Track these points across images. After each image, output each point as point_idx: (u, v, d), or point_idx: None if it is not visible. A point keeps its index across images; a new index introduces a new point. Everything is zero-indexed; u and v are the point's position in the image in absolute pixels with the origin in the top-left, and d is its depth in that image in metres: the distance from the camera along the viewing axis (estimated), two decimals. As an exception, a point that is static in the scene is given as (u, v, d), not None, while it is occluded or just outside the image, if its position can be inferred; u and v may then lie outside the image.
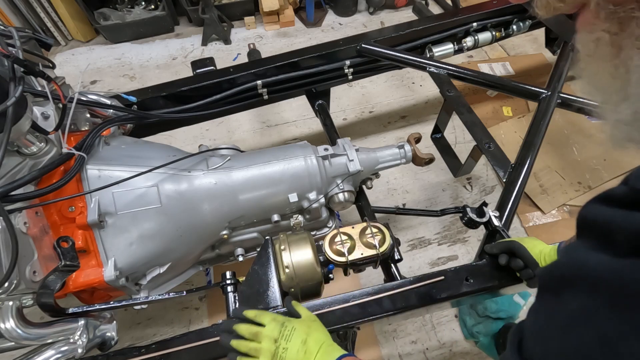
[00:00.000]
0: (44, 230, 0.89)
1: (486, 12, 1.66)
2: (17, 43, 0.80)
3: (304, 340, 0.67)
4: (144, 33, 2.71)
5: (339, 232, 0.97)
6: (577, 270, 0.35)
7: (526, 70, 2.34)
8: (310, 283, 0.90)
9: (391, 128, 2.14)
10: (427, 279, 0.90)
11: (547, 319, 0.38)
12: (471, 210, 1.06)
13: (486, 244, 0.97)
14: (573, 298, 0.34)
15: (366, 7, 2.88)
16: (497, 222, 1.05)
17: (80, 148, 0.93)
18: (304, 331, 0.68)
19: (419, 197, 1.85)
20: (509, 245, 0.89)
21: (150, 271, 1.03)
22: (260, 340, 0.69)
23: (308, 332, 0.68)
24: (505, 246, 0.90)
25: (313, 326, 0.70)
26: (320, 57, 1.51)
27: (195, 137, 2.10)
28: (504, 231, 1.03)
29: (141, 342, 1.45)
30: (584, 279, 0.34)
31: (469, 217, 1.05)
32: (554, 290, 0.37)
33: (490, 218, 1.05)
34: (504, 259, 0.89)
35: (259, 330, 0.70)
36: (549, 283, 0.38)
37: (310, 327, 0.70)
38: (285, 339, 0.68)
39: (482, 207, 1.07)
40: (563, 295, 0.36)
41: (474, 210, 1.06)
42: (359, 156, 1.17)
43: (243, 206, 1.08)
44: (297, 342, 0.67)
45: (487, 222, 1.06)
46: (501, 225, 1.05)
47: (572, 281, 0.35)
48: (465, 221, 1.07)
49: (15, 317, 0.78)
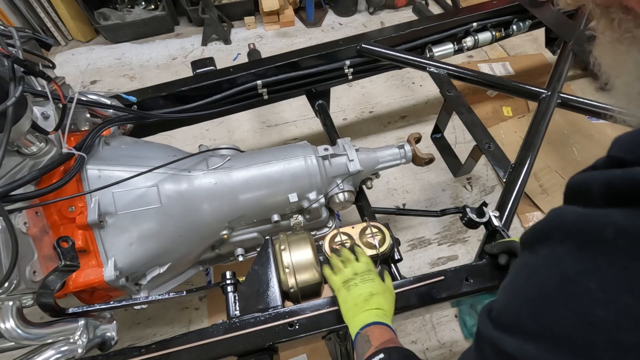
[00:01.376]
0: (44, 230, 0.89)
1: (486, 12, 1.66)
2: (17, 43, 0.80)
3: (372, 292, 0.77)
4: (144, 33, 2.71)
5: (339, 232, 0.97)
6: (553, 223, 0.36)
7: (526, 70, 2.34)
8: (310, 283, 0.90)
9: (391, 128, 2.14)
10: (427, 279, 0.90)
11: (517, 271, 0.39)
12: (471, 211, 1.06)
13: (486, 243, 0.97)
14: (545, 248, 0.36)
15: (366, 7, 2.88)
16: (497, 222, 1.05)
17: (80, 148, 0.93)
18: (377, 289, 0.78)
19: (419, 197, 1.85)
20: (508, 245, 0.89)
21: (150, 271, 1.03)
22: (346, 266, 0.84)
23: (379, 292, 0.77)
24: (505, 246, 0.90)
25: (386, 293, 0.79)
26: (320, 57, 1.51)
27: (195, 137, 2.10)
28: (504, 231, 1.03)
29: (141, 342, 1.45)
30: (557, 230, 0.35)
31: (468, 218, 1.05)
32: (530, 245, 0.38)
33: (490, 218, 1.05)
34: (503, 259, 0.90)
35: (352, 260, 0.85)
36: (527, 240, 0.39)
37: (384, 292, 0.79)
38: (361, 279, 0.79)
39: (482, 207, 1.07)
40: (536, 247, 0.37)
41: (473, 211, 1.06)
42: (359, 156, 1.17)
43: (243, 206, 1.08)
44: (367, 289, 0.77)
45: (487, 222, 1.06)
46: (501, 225, 1.05)
47: (547, 233, 0.36)
48: (465, 221, 1.07)
49: (15, 317, 0.78)
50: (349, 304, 0.77)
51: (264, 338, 0.82)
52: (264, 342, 0.82)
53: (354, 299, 0.77)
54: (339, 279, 0.82)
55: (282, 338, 0.82)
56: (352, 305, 0.76)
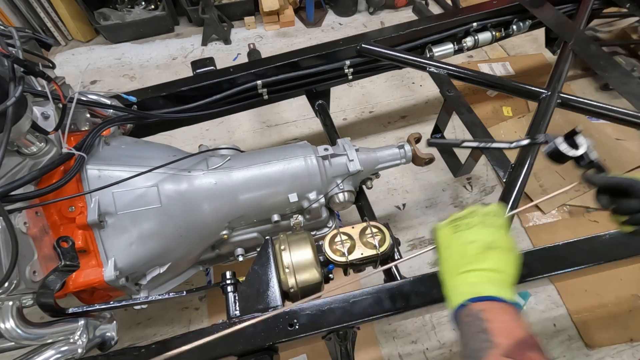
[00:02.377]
0: (44, 230, 0.89)
1: (486, 12, 1.66)
2: (17, 43, 0.80)
3: (491, 243, 0.52)
4: (144, 33, 2.71)
5: (339, 232, 0.96)
6: None
7: (526, 70, 2.34)
8: (310, 283, 0.90)
9: (391, 128, 2.14)
10: (427, 279, 0.90)
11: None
12: (561, 140, 0.73)
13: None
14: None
15: (366, 7, 2.88)
16: (595, 155, 0.71)
17: (80, 148, 0.93)
18: (501, 241, 0.53)
19: (419, 197, 1.85)
20: (621, 183, 0.62)
21: (150, 271, 1.03)
22: (477, 214, 0.58)
23: (503, 247, 0.52)
24: (617, 182, 0.63)
25: (512, 253, 0.54)
26: (320, 57, 1.51)
27: (195, 137, 2.10)
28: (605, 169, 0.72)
29: (141, 342, 1.45)
30: None
31: (554, 149, 0.73)
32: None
33: (588, 150, 0.71)
34: (605, 200, 0.65)
35: (480, 210, 0.60)
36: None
37: (510, 250, 0.53)
38: (481, 220, 0.55)
39: (574, 133, 0.73)
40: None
41: (563, 140, 0.73)
42: (359, 156, 1.17)
43: (243, 206, 1.08)
44: (485, 236, 0.53)
45: (581, 156, 0.71)
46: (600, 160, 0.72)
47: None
48: (550, 152, 0.76)
49: (15, 317, 0.78)
50: (454, 256, 0.52)
51: (264, 338, 0.82)
52: (264, 342, 0.82)
53: (462, 247, 0.52)
54: (446, 222, 0.57)
55: (282, 338, 0.82)
56: (459, 258, 0.52)
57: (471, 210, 0.60)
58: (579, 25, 1.58)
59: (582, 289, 1.53)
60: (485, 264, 0.50)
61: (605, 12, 1.98)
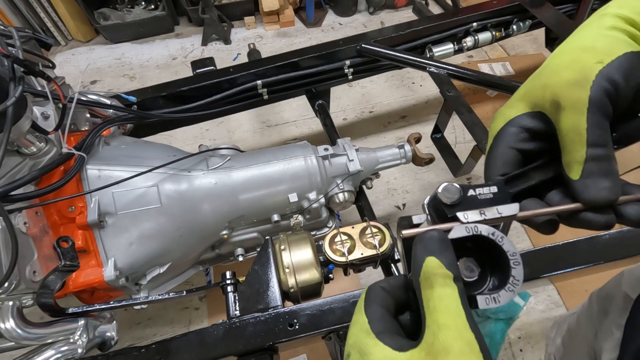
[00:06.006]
0: (44, 230, 0.89)
1: (486, 12, 1.66)
2: (17, 43, 0.80)
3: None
4: (144, 33, 2.71)
5: (339, 232, 0.96)
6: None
7: (526, 70, 2.34)
8: (310, 283, 0.90)
9: (391, 128, 2.14)
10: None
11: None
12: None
13: None
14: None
15: (366, 7, 2.88)
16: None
17: (80, 148, 0.93)
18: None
19: (419, 197, 1.85)
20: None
21: (150, 271, 1.03)
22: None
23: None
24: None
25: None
26: (320, 57, 1.51)
27: (195, 137, 2.10)
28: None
29: (141, 342, 1.45)
30: None
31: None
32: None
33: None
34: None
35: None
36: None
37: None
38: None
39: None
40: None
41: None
42: (359, 156, 1.17)
43: (243, 206, 1.08)
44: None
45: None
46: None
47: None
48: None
49: (15, 317, 0.78)
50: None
51: (264, 338, 0.82)
52: (264, 342, 0.82)
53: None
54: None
55: (282, 338, 0.82)
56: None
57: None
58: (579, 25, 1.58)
59: (582, 289, 1.52)
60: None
61: (605, 12, 1.98)
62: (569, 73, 0.36)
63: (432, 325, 0.30)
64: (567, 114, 0.35)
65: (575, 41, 0.39)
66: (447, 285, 0.31)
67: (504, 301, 0.33)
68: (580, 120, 0.34)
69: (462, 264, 0.36)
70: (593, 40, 0.37)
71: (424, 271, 0.32)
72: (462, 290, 0.32)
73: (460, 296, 0.31)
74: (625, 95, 0.35)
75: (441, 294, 0.31)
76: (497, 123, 0.44)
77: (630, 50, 0.35)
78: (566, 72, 0.36)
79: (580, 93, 0.34)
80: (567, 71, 0.36)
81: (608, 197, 0.35)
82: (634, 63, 0.35)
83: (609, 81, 0.34)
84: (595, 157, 0.34)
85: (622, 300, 0.75)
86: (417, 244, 0.34)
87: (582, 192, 0.35)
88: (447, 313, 0.30)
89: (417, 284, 0.33)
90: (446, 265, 0.32)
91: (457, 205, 0.36)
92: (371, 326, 0.35)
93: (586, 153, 0.34)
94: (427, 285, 0.32)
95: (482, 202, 0.37)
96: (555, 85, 0.37)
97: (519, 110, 0.41)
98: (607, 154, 0.35)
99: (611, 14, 0.38)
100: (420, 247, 0.33)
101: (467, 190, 0.37)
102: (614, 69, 0.34)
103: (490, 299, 0.33)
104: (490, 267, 0.36)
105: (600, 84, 0.34)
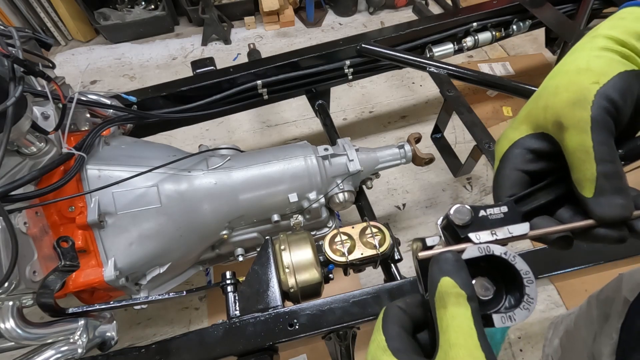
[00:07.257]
0: (44, 230, 0.89)
1: (486, 12, 1.66)
2: (17, 43, 0.80)
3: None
4: (144, 33, 2.71)
5: (339, 232, 0.96)
6: None
7: (526, 70, 2.34)
8: (310, 283, 0.90)
9: (391, 128, 2.14)
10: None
11: None
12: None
13: None
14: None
15: (366, 7, 2.88)
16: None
17: (80, 148, 0.93)
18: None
19: (419, 197, 1.85)
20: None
21: (150, 271, 1.03)
22: None
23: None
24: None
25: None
26: (320, 57, 1.51)
27: (195, 137, 2.10)
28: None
29: (141, 342, 1.45)
30: None
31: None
32: None
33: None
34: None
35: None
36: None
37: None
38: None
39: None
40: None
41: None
42: (359, 156, 1.17)
43: (243, 206, 1.08)
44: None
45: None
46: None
47: None
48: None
49: (15, 317, 0.78)
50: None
51: (264, 338, 0.82)
52: (264, 342, 0.82)
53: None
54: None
55: (282, 338, 0.82)
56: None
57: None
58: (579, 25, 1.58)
59: (582, 289, 1.52)
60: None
61: (605, 12, 1.98)
62: (568, 94, 0.37)
63: (444, 344, 0.31)
64: (571, 133, 0.36)
65: (570, 63, 0.40)
66: (460, 305, 0.32)
67: (520, 319, 0.33)
68: (586, 139, 0.35)
69: (477, 283, 0.36)
70: (587, 62, 0.38)
71: (439, 291, 0.33)
72: (475, 309, 0.32)
73: (473, 315, 0.32)
74: (624, 113, 0.36)
75: (454, 313, 0.32)
76: (501, 145, 0.44)
77: (624, 70, 0.36)
78: (565, 93, 0.37)
79: (582, 113, 0.35)
80: (566, 92, 0.37)
81: (622, 214, 0.35)
82: (629, 81, 0.36)
83: (607, 100, 0.35)
84: (606, 174, 0.35)
85: (622, 305, 0.76)
86: (433, 265, 0.35)
87: (595, 210, 0.36)
88: (459, 332, 0.31)
89: (432, 303, 0.34)
90: (460, 284, 0.32)
91: (469, 226, 0.37)
92: (388, 344, 0.36)
93: (596, 170, 0.35)
94: (441, 305, 0.33)
95: (493, 222, 0.38)
96: (556, 106, 0.38)
97: (522, 132, 0.42)
98: (617, 170, 0.35)
99: (602, 35, 0.39)
100: (436, 268, 0.34)
101: (478, 211, 0.38)
102: (610, 88, 0.35)
103: (506, 317, 0.34)
104: (506, 285, 0.37)
105: (599, 103, 0.35)
